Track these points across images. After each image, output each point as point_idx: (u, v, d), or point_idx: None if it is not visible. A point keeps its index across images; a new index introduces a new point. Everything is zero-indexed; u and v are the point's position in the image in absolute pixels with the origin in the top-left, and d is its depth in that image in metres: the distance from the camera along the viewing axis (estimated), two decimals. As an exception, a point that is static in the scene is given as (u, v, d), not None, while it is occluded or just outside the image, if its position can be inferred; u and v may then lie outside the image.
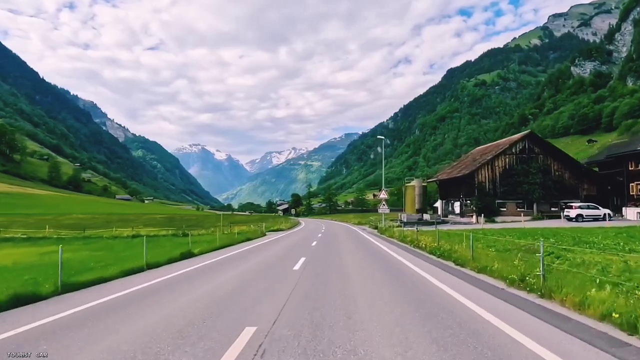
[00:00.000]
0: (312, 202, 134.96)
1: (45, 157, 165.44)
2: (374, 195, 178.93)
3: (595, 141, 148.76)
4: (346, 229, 38.80)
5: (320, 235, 28.20)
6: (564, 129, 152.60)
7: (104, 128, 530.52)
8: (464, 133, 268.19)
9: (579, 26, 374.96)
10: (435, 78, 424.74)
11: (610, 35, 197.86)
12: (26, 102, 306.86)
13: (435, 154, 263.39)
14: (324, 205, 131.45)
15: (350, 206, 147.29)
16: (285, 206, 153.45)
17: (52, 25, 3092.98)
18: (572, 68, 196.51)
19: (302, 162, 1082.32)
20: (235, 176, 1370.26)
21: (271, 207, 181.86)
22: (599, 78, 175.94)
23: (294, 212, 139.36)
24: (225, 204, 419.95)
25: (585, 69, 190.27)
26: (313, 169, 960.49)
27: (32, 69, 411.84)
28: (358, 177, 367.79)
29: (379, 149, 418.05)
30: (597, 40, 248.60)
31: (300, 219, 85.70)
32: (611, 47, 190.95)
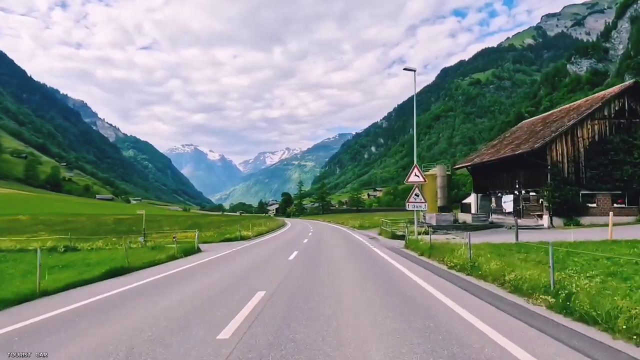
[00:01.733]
0: (304, 202, 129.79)
1: (24, 155, 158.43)
2: (369, 195, 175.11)
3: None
4: (346, 238, 25.56)
5: (294, 256, 14.65)
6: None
7: (94, 128, 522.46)
8: (458, 132, 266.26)
9: (572, 26, 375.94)
10: (429, 79, 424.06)
11: (606, 33, 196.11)
12: (12, 101, 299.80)
13: (430, 153, 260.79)
14: (316, 205, 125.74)
15: (345, 206, 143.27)
16: (276, 206, 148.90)
17: (43, 24, 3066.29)
18: (568, 66, 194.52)
19: (296, 163, 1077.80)
20: (228, 176, 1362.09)
21: (262, 207, 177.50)
22: (595, 76, 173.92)
23: (274, 212, 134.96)
24: (218, 205, 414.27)
25: (581, 67, 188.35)
26: (307, 169, 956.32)
27: (19, 67, 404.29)
28: (352, 177, 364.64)
29: (373, 148, 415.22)
30: (591, 40, 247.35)
31: (289, 220, 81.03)
32: (607, 45, 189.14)
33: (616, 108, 27.63)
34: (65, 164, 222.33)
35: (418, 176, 19.46)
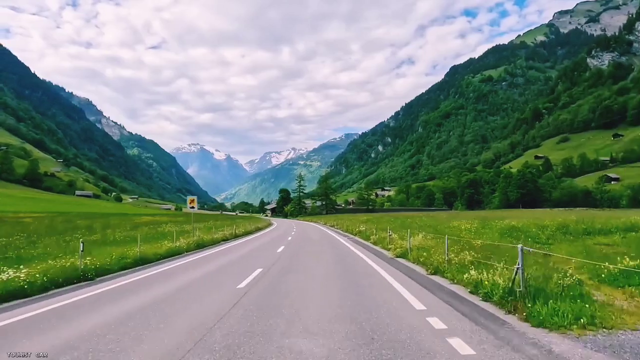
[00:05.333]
0: (306, 200, 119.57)
1: (4, 147, 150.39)
2: (377, 194, 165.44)
3: (622, 135, 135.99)
4: None
5: None
6: (583, 123, 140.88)
7: (99, 126, 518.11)
8: (470, 130, 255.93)
9: (586, 22, 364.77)
10: (438, 79, 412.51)
11: (629, 25, 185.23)
12: (12, 97, 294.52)
13: (440, 151, 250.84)
14: (318, 203, 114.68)
15: (352, 206, 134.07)
16: (274, 205, 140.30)
17: (54, 24, 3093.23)
18: (588, 60, 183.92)
19: (302, 162, 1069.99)
20: (234, 176, 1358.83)
21: (262, 206, 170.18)
22: (618, 69, 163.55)
23: (269, 213, 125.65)
24: (220, 204, 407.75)
25: (603, 61, 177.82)
26: (312, 168, 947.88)
27: (23, 63, 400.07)
28: (358, 176, 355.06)
29: (380, 147, 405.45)
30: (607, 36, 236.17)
31: (276, 220, 72.08)
32: (631, 37, 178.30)
33: None
34: (62, 160, 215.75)
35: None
